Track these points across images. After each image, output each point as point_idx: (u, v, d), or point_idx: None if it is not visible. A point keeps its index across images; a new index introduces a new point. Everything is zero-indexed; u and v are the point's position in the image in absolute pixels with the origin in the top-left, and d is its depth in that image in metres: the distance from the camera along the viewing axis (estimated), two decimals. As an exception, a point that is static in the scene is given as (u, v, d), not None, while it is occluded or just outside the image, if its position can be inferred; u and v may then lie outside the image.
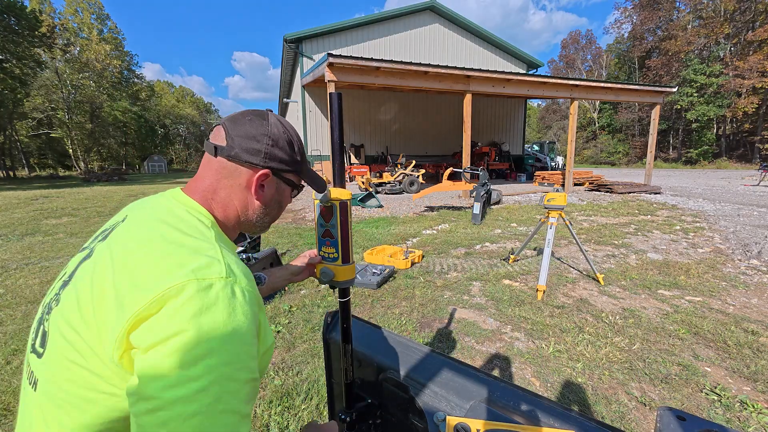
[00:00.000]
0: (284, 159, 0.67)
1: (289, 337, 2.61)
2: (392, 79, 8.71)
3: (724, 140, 33.22)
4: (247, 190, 0.66)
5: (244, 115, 0.67)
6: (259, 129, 0.65)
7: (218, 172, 0.65)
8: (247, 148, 0.64)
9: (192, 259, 0.51)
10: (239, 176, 0.65)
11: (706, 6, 32.88)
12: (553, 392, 2.05)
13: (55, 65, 31.15)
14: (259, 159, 0.64)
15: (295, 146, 0.70)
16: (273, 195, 0.70)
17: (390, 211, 8.05)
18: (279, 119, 0.69)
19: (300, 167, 0.72)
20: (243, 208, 0.67)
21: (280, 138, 0.67)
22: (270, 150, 0.65)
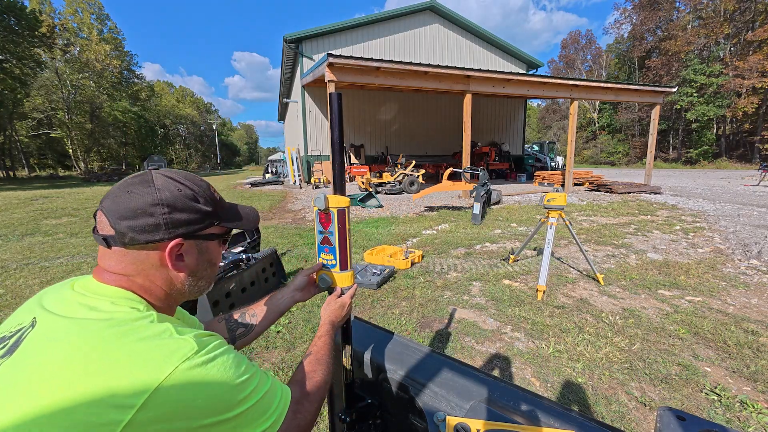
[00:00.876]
0: (192, 219, 0.59)
1: (289, 337, 2.61)
2: (392, 79, 8.71)
3: (724, 140, 33.22)
4: (165, 268, 0.59)
5: (124, 188, 0.57)
6: (146, 199, 0.55)
7: (120, 261, 0.57)
8: (141, 227, 0.55)
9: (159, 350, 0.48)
10: (148, 258, 0.57)
11: (706, 6, 32.88)
12: (553, 392, 2.05)
13: (55, 65, 31.14)
14: (161, 233, 0.56)
15: (200, 198, 0.61)
16: (197, 259, 0.63)
17: (390, 211, 8.05)
18: (167, 175, 0.60)
19: (216, 217, 0.64)
20: (168, 285, 0.61)
21: (177, 198, 0.58)
22: (169, 218, 0.56)
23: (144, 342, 0.48)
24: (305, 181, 14.51)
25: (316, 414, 0.66)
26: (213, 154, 68.51)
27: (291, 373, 2.17)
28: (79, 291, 0.56)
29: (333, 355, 0.77)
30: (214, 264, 0.67)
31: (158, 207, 0.56)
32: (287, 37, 13.27)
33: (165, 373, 0.46)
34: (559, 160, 23.17)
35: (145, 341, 0.48)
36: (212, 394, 0.49)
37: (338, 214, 0.74)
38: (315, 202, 0.74)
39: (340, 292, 0.84)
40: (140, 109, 48.11)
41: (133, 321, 0.51)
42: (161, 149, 57.37)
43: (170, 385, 0.46)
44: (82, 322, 0.49)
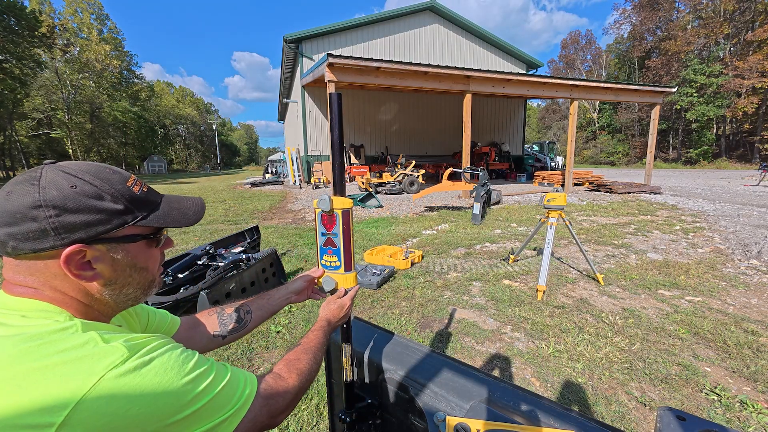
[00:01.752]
0: (92, 220, 0.50)
1: (289, 338, 2.61)
2: (392, 80, 8.71)
3: (724, 140, 33.23)
4: (70, 277, 0.50)
5: (5, 188, 0.49)
6: (26, 200, 0.47)
7: (19, 272, 0.50)
8: (23, 234, 0.46)
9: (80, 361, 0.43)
10: (46, 268, 0.50)
11: (706, 6, 32.90)
12: (553, 392, 2.05)
13: (55, 65, 31.15)
14: (50, 240, 0.47)
15: (105, 194, 0.51)
16: (112, 266, 0.54)
17: (390, 211, 8.05)
18: (62, 169, 0.50)
19: (131, 214, 0.54)
20: (83, 296, 0.53)
21: (69, 197, 0.48)
22: (58, 222, 0.47)
23: (62, 354, 0.43)
24: (305, 181, 14.51)
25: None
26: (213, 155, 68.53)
27: (291, 373, 2.18)
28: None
29: (323, 350, 0.75)
30: (142, 268, 0.58)
31: (41, 209, 0.47)
32: (287, 37, 13.28)
33: (88, 385, 0.41)
34: (559, 160, 23.18)
35: (63, 353, 0.43)
36: (151, 400, 0.44)
37: (343, 216, 0.74)
38: (319, 204, 0.73)
39: (343, 292, 0.83)
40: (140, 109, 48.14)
41: (49, 334, 0.45)
42: (161, 149, 57.40)
43: (95, 397, 0.41)
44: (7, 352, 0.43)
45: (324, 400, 1.92)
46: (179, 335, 0.80)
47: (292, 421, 1.80)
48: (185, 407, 0.47)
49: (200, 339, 0.82)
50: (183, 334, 0.81)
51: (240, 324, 0.85)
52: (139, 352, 0.47)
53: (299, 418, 1.83)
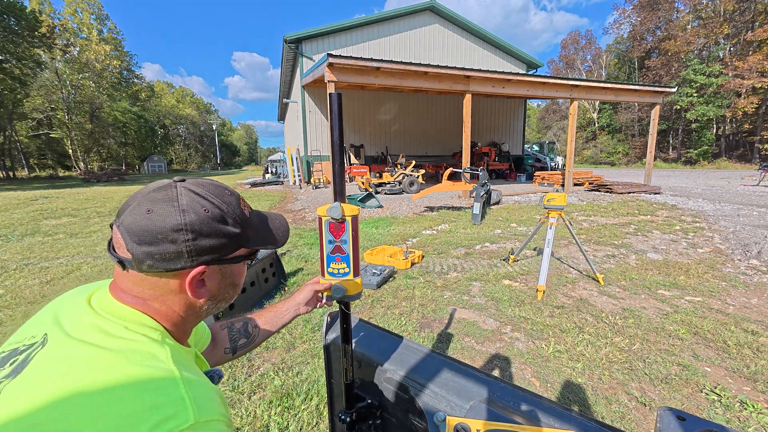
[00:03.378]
0: (218, 245, 0.53)
1: (289, 338, 2.61)
2: (392, 80, 8.71)
3: (724, 140, 33.24)
4: (184, 294, 0.53)
5: (144, 205, 0.50)
6: (168, 222, 0.48)
7: (137, 284, 0.52)
8: (161, 254, 0.49)
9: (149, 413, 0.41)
10: (167, 285, 0.52)
11: (706, 6, 32.91)
12: (553, 392, 2.05)
13: (55, 66, 31.15)
14: (182, 262, 0.50)
15: (228, 217, 0.54)
16: (219, 283, 0.57)
17: (390, 211, 8.05)
18: (195, 189, 0.53)
19: (245, 239, 0.57)
20: (186, 311, 0.56)
21: (204, 220, 0.51)
22: (193, 246, 0.50)
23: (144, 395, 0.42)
24: (305, 181, 14.51)
25: None
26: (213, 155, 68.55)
27: (291, 373, 2.18)
28: (95, 307, 0.51)
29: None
30: (236, 285, 0.62)
31: (182, 233, 0.49)
32: (287, 38, 13.28)
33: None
34: (558, 160, 23.18)
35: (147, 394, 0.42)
36: None
37: (352, 222, 0.74)
38: (329, 212, 0.72)
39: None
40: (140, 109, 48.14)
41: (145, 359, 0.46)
42: (161, 149, 57.39)
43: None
44: (93, 352, 0.45)
45: (324, 400, 1.92)
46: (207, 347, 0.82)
47: (292, 421, 1.80)
48: None
49: (215, 354, 0.83)
50: (209, 346, 0.82)
51: (248, 339, 0.86)
52: (203, 422, 0.44)
53: (299, 418, 1.83)
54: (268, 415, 1.85)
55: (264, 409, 1.88)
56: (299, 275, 3.89)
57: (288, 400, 1.95)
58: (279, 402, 1.93)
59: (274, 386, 2.06)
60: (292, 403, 1.93)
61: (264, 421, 1.80)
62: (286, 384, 2.08)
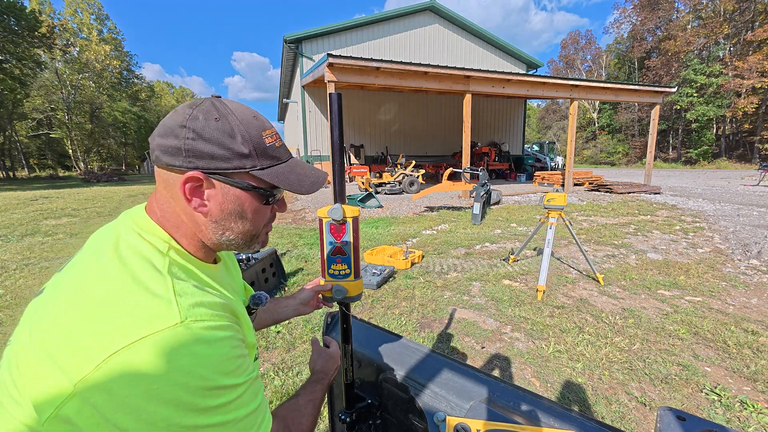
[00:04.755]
0: (216, 154, 0.52)
1: (289, 338, 2.60)
2: (392, 80, 8.71)
3: (724, 140, 33.23)
4: (183, 200, 0.53)
5: (176, 108, 0.55)
6: (178, 119, 0.52)
7: (159, 183, 0.55)
8: (165, 146, 0.51)
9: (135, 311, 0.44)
10: (173, 184, 0.53)
11: (706, 6, 32.91)
12: (553, 392, 2.05)
13: (55, 66, 31.14)
14: (180, 159, 0.51)
15: (238, 135, 0.53)
16: (221, 204, 0.55)
17: (390, 211, 8.05)
18: (216, 103, 0.54)
19: (250, 161, 0.55)
20: (193, 223, 0.56)
21: (207, 127, 0.51)
22: (191, 144, 0.51)
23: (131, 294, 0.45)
24: (305, 182, 14.49)
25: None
26: (213, 155, 68.44)
27: (291, 373, 2.18)
28: (127, 218, 0.57)
29: (321, 405, 0.73)
30: (246, 219, 0.58)
31: (184, 130, 0.51)
32: (287, 38, 13.27)
33: (126, 341, 0.41)
34: (558, 160, 23.18)
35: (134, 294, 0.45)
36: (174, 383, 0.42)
37: (353, 223, 0.74)
38: (330, 214, 0.72)
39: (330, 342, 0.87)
40: (140, 109, 48.11)
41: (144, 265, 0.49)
42: (161, 149, 57.30)
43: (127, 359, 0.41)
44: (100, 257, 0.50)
45: (324, 400, 1.92)
46: None
47: (292, 422, 1.80)
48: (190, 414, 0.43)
49: None
50: None
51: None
52: (195, 324, 0.45)
53: (299, 418, 1.82)
54: (268, 415, 1.84)
55: (264, 409, 1.88)
56: (299, 275, 3.89)
57: (288, 400, 1.94)
58: (279, 402, 1.93)
59: (274, 386, 2.06)
60: (292, 403, 1.93)
61: (264, 421, 1.80)
62: (286, 384, 2.08)
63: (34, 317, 0.48)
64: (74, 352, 0.42)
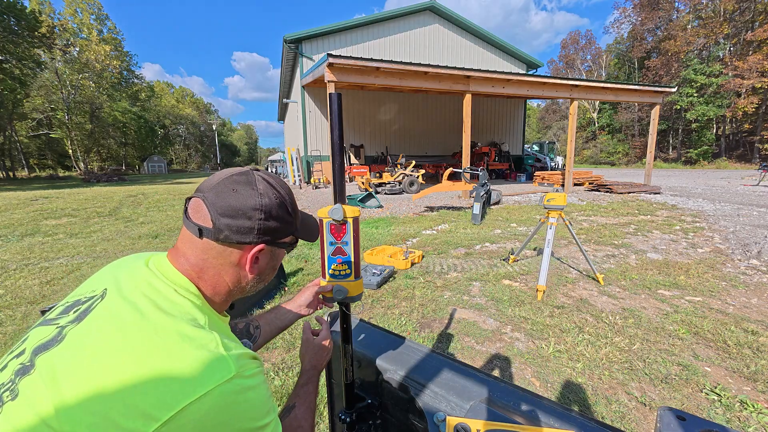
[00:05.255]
0: (278, 228, 0.61)
1: (289, 338, 2.60)
2: (392, 80, 8.71)
3: (724, 140, 33.24)
4: (240, 267, 0.60)
5: (228, 185, 0.58)
6: (249, 202, 0.57)
7: (204, 252, 0.58)
8: (237, 227, 0.56)
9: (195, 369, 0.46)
10: (230, 255, 0.58)
11: (706, 6, 32.92)
12: (553, 392, 2.05)
13: (55, 66, 31.14)
14: (251, 237, 0.58)
15: (288, 206, 0.62)
16: (268, 263, 0.64)
17: (390, 211, 8.05)
18: (267, 179, 0.61)
19: (294, 227, 0.65)
20: (235, 283, 0.61)
21: (273, 206, 0.59)
22: (263, 225, 0.58)
23: (190, 350, 0.47)
24: (305, 182, 14.51)
25: None
26: (213, 155, 68.56)
27: (291, 373, 2.18)
28: (152, 269, 0.57)
29: (316, 401, 0.77)
30: (275, 269, 0.68)
31: (257, 212, 0.57)
32: (287, 38, 13.28)
33: (198, 393, 0.44)
34: (558, 160, 23.19)
35: (192, 350, 0.47)
36: (232, 428, 0.46)
37: (353, 224, 0.74)
38: (331, 214, 0.72)
39: (320, 331, 0.87)
40: (140, 109, 48.15)
41: (189, 321, 0.51)
42: (161, 149, 57.42)
43: (197, 408, 0.44)
44: (143, 310, 0.49)
45: (324, 400, 1.92)
46: None
47: (292, 422, 1.80)
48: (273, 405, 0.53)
49: None
50: None
51: (250, 340, 0.85)
52: (245, 374, 0.50)
53: (299, 418, 1.82)
54: (268, 415, 1.84)
55: (264, 409, 1.88)
56: (299, 275, 3.89)
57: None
58: (279, 402, 1.93)
59: (275, 386, 2.06)
60: (292, 403, 1.93)
61: (264, 421, 1.80)
62: (287, 384, 2.08)
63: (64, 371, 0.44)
64: (137, 416, 0.41)
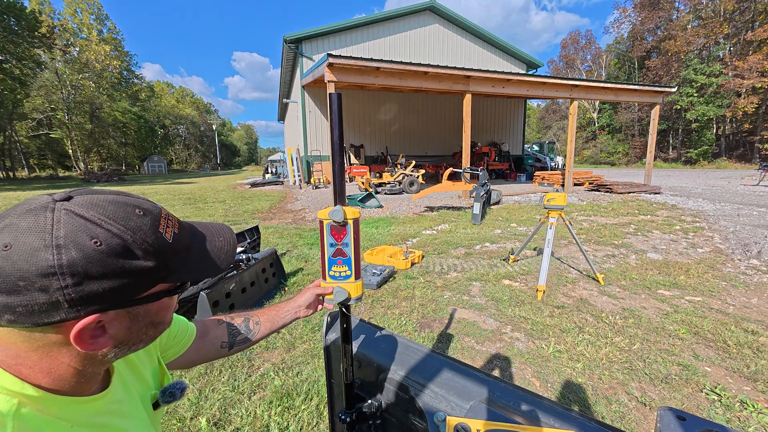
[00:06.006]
0: (119, 286, 0.40)
1: (289, 338, 2.60)
2: (392, 80, 8.71)
3: (724, 140, 33.24)
4: (72, 345, 0.40)
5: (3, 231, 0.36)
6: (33, 264, 0.35)
7: (5, 337, 0.39)
8: (24, 307, 0.35)
9: None
10: (44, 338, 0.39)
11: (706, 6, 32.92)
12: (553, 392, 2.05)
13: (55, 66, 31.15)
14: (61, 314, 0.37)
15: (136, 248, 0.40)
16: (129, 328, 0.44)
17: (390, 211, 8.05)
18: (79, 212, 0.38)
19: (164, 271, 0.44)
20: (84, 361, 0.43)
21: (92, 258, 0.37)
22: (76, 292, 0.37)
23: None
24: (305, 182, 14.51)
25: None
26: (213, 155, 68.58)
27: (291, 373, 2.18)
28: None
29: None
30: (160, 322, 0.50)
31: (55, 278, 0.36)
32: (287, 38, 13.28)
33: None
34: (558, 160, 23.19)
35: None
36: None
37: (353, 225, 0.74)
38: (331, 215, 0.72)
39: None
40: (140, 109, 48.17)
41: None
42: (161, 149, 57.43)
43: None
44: None
45: (324, 400, 1.92)
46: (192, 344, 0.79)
47: (292, 421, 1.80)
48: None
49: (208, 349, 0.81)
50: (194, 343, 0.79)
51: (248, 335, 0.85)
52: None
53: (299, 418, 1.83)
54: (269, 415, 1.85)
55: (264, 409, 1.88)
56: (299, 275, 3.89)
57: (288, 400, 1.95)
58: (279, 402, 1.93)
59: (275, 386, 2.06)
60: (292, 403, 1.93)
61: (264, 421, 1.80)
62: (286, 384, 2.08)
63: None
64: None
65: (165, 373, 0.67)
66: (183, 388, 0.65)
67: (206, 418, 1.80)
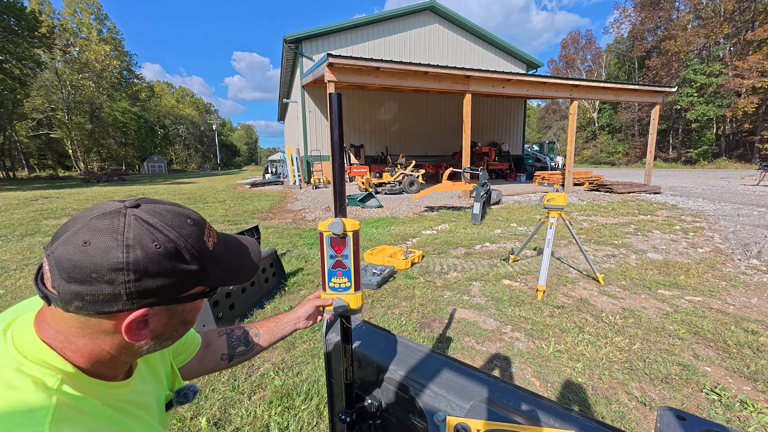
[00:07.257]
0: (169, 284, 0.46)
1: (290, 338, 2.61)
2: (392, 80, 8.71)
3: (724, 140, 33.24)
4: (119, 334, 0.46)
5: (82, 234, 0.42)
6: (108, 259, 0.41)
7: (63, 321, 0.45)
8: (93, 296, 0.41)
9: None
10: (98, 324, 0.45)
11: (706, 6, 32.92)
12: (553, 392, 2.05)
13: (55, 66, 31.16)
14: (119, 305, 0.43)
15: (186, 253, 0.47)
16: (166, 324, 0.50)
17: (390, 211, 8.05)
18: (145, 218, 0.45)
19: (203, 276, 0.50)
20: (121, 350, 0.48)
21: (152, 259, 0.43)
22: (135, 288, 0.43)
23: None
24: (305, 181, 14.52)
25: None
26: (213, 155, 68.60)
27: (291, 373, 2.18)
28: (8, 336, 0.46)
29: None
30: (189, 322, 0.55)
31: (121, 273, 0.41)
32: (287, 38, 13.28)
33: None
34: (558, 160, 23.19)
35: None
36: None
37: (353, 237, 0.74)
38: (331, 228, 0.72)
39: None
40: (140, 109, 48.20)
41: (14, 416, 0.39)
42: (161, 149, 57.44)
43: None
44: None
45: (324, 400, 1.92)
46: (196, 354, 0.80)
47: (292, 421, 1.80)
48: None
49: (209, 359, 0.82)
50: (198, 353, 0.81)
51: (247, 347, 0.85)
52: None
53: (299, 418, 1.83)
54: (269, 415, 1.85)
55: (264, 409, 1.88)
56: (299, 275, 3.89)
57: (288, 400, 1.95)
58: (279, 402, 1.93)
59: (275, 386, 2.06)
60: (292, 403, 1.93)
61: (264, 421, 1.80)
62: (287, 384, 2.08)
63: None
64: None
65: (177, 376, 0.71)
66: (195, 391, 0.70)
67: (206, 418, 1.80)
